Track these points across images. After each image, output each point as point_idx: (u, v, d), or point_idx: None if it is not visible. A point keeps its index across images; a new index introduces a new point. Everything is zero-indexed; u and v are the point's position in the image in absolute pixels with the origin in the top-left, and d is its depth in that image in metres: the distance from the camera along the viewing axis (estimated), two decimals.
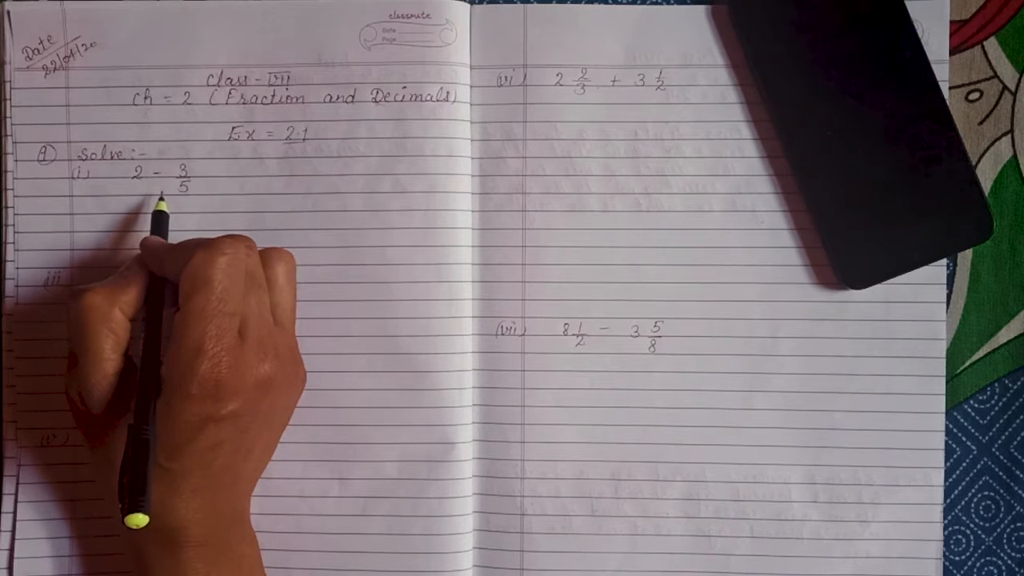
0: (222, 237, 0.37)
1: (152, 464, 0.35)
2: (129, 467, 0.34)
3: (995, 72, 0.44)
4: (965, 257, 0.44)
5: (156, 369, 0.36)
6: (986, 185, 0.44)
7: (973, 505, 0.44)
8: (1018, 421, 0.44)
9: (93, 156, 0.43)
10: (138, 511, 0.34)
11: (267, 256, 0.39)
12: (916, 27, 0.42)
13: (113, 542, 0.43)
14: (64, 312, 0.43)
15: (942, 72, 0.43)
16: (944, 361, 0.43)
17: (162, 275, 0.38)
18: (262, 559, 0.40)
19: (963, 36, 0.44)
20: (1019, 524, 0.44)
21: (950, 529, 0.44)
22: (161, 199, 0.43)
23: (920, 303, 0.43)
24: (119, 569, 0.43)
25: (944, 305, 0.43)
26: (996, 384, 0.44)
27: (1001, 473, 0.44)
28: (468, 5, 0.44)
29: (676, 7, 0.44)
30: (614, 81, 0.44)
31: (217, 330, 0.35)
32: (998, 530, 0.44)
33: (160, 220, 0.42)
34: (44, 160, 0.43)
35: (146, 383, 0.36)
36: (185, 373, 0.35)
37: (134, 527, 0.33)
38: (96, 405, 0.37)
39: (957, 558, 0.44)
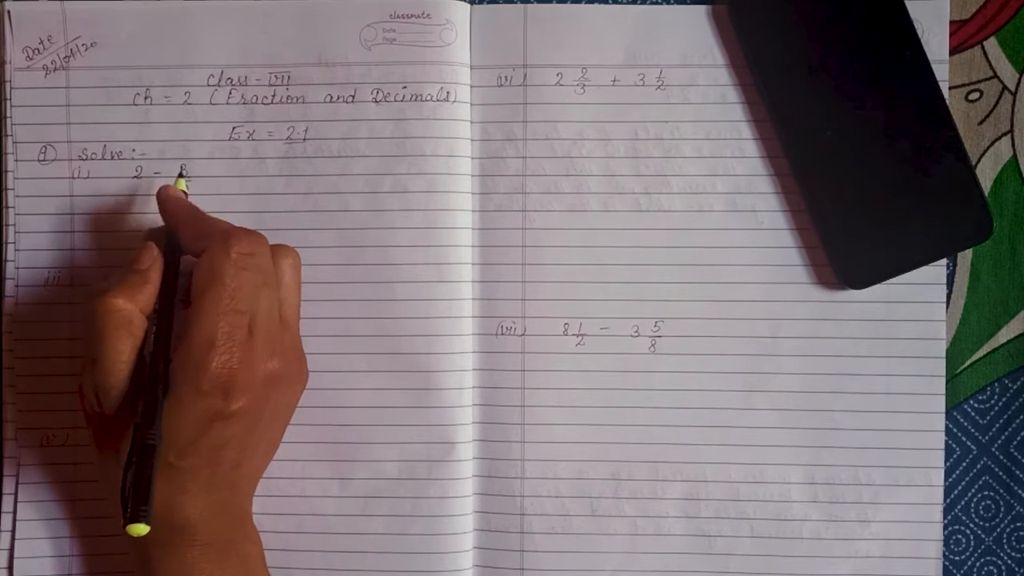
0: (236, 232, 0.37)
1: (156, 469, 0.35)
2: (133, 474, 0.34)
3: (995, 72, 0.44)
4: (965, 257, 0.44)
5: (165, 368, 0.36)
6: (986, 185, 0.44)
7: (973, 505, 0.44)
8: (1018, 421, 0.44)
9: (93, 156, 0.43)
10: (139, 521, 0.33)
11: (274, 253, 0.39)
12: (916, 27, 0.42)
13: (113, 542, 0.43)
14: (65, 311, 0.43)
15: (942, 72, 0.43)
16: (944, 361, 0.43)
17: (171, 229, 0.39)
18: (265, 557, 0.40)
19: (963, 36, 0.44)
20: (1019, 524, 0.44)
21: (950, 529, 0.44)
22: (180, 175, 0.42)
23: (920, 303, 0.43)
24: (120, 569, 0.43)
25: (944, 305, 0.43)
26: (996, 384, 0.44)
27: (1001, 473, 0.44)
28: (468, 5, 0.44)
29: (676, 7, 0.44)
30: (614, 81, 0.44)
31: (229, 327, 0.35)
32: (998, 530, 0.44)
33: None
34: (44, 160, 0.43)
35: (155, 383, 0.36)
36: (196, 369, 0.35)
37: (135, 536, 0.33)
38: (112, 406, 0.37)
39: (957, 558, 0.44)
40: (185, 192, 0.42)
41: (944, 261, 0.43)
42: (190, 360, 0.35)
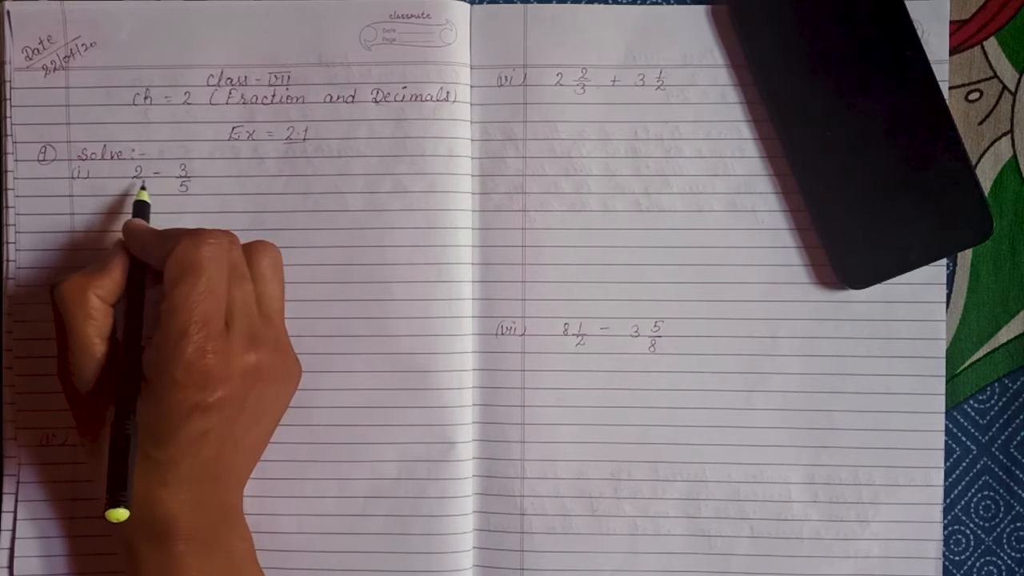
0: (206, 228, 0.38)
1: (133, 458, 0.35)
2: (109, 462, 0.35)
3: (995, 72, 0.44)
4: (965, 257, 0.44)
5: (138, 358, 0.37)
6: (986, 185, 0.44)
7: (973, 505, 0.44)
8: (1018, 421, 0.44)
9: (93, 156, 0.43)
10: (118, 506, 0.34)
11: (252, 249, 0.39)
12: (916, 27, 0.42)
13: (113, 542, 0.43)
14: None
15: (942, 72, 0.43)
16: (944, 361, 0.43)
17: (144, 260, 0.39)
18: (256, 555, 0.40)
19: (963, 36, 0.44)
20: (1019, 524, 0.44)
21: (950, 529, 0.44)
22: (143, 188, 0.42)
23: (920, 303, 0.43)
24: (119, 568, 0.43)
25: (944, 305, 0.43)
26: (996, 384, 0.44)
27: (1001, 473, 0.44)
28: (468, 5, 0.44)
29: (676, 7, 0.44)
30: (614, 81, 0.44)
31: (203, 316, 0.36)
32: (998, 530, 0.44)
33: (141, 210, 0.42)
34: (44, 160, 0.43)
35: (127, 373, 0.36)
36: (169, 358, 0.35)
37: (115, 521, 0.34)
38: (85, 389, 0.38)
39: (957, 558, 0.44)
40: (148, 202, 0.42)
41: (944, 261, 0.43)
42: (164, 349, 0.35)
